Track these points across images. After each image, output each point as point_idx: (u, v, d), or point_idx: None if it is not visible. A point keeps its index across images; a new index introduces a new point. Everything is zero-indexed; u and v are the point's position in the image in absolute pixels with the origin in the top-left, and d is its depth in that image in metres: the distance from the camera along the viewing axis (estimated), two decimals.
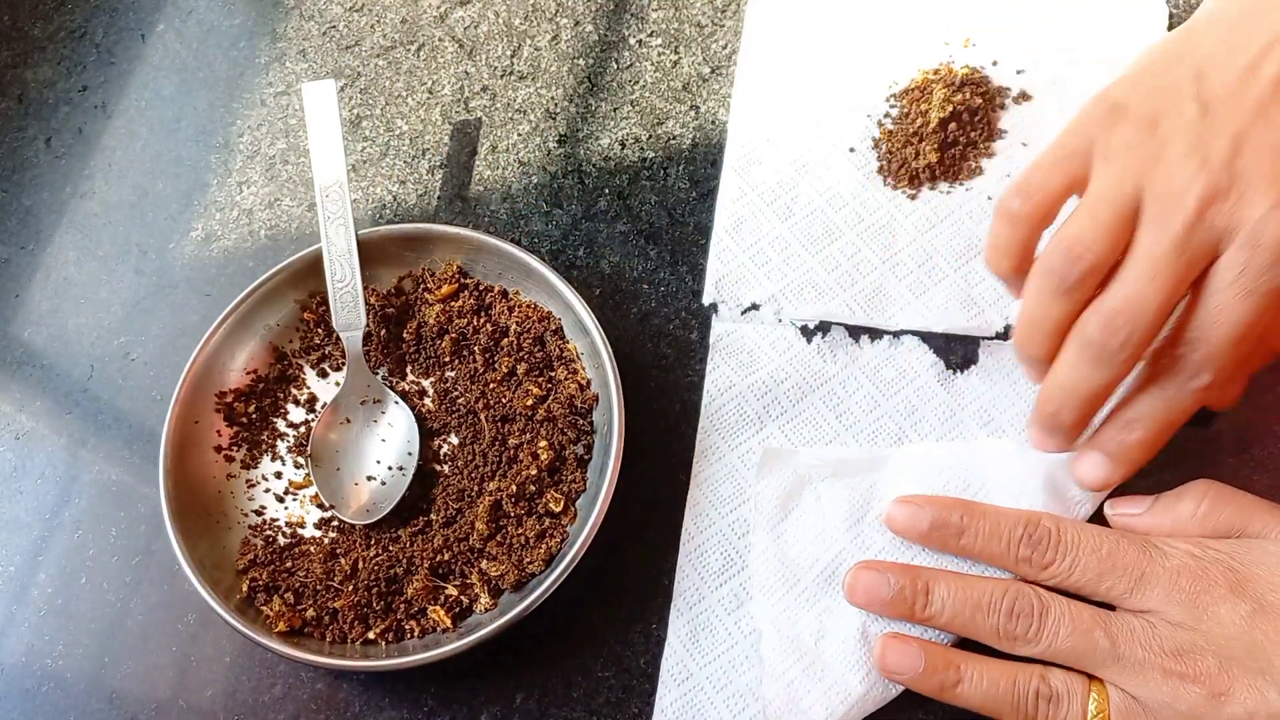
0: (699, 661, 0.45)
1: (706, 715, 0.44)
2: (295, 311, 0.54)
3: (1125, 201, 0.38)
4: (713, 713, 0.44)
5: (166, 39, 0.67)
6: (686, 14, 0.61)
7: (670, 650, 0.46)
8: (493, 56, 0.63)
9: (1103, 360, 0.38)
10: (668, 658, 0.46)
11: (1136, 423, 0.40)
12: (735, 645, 0.45)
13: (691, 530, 0.48)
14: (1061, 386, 0.40)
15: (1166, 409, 0.40)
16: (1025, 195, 0.41)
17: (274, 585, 0.48)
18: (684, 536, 0.48)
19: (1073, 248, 0.38)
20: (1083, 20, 0.56)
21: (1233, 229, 0.37)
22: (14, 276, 0.61)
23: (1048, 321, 0.40)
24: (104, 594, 0.52)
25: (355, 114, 0.62)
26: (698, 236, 0.55)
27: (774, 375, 0.50)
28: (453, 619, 0.47)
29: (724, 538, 0.47)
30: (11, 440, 0.57)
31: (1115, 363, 0.38)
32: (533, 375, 0.51)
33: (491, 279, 0.54)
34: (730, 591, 0.46)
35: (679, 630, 0.46)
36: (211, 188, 0.62)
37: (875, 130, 0.55)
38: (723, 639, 0.46)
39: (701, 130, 0.58)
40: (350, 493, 0.50)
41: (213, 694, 0.49)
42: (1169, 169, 0.37)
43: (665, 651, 0.46)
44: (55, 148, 0.65)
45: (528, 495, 0.48)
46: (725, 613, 0.46)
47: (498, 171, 0.59)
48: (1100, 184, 0.39)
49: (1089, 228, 0.38)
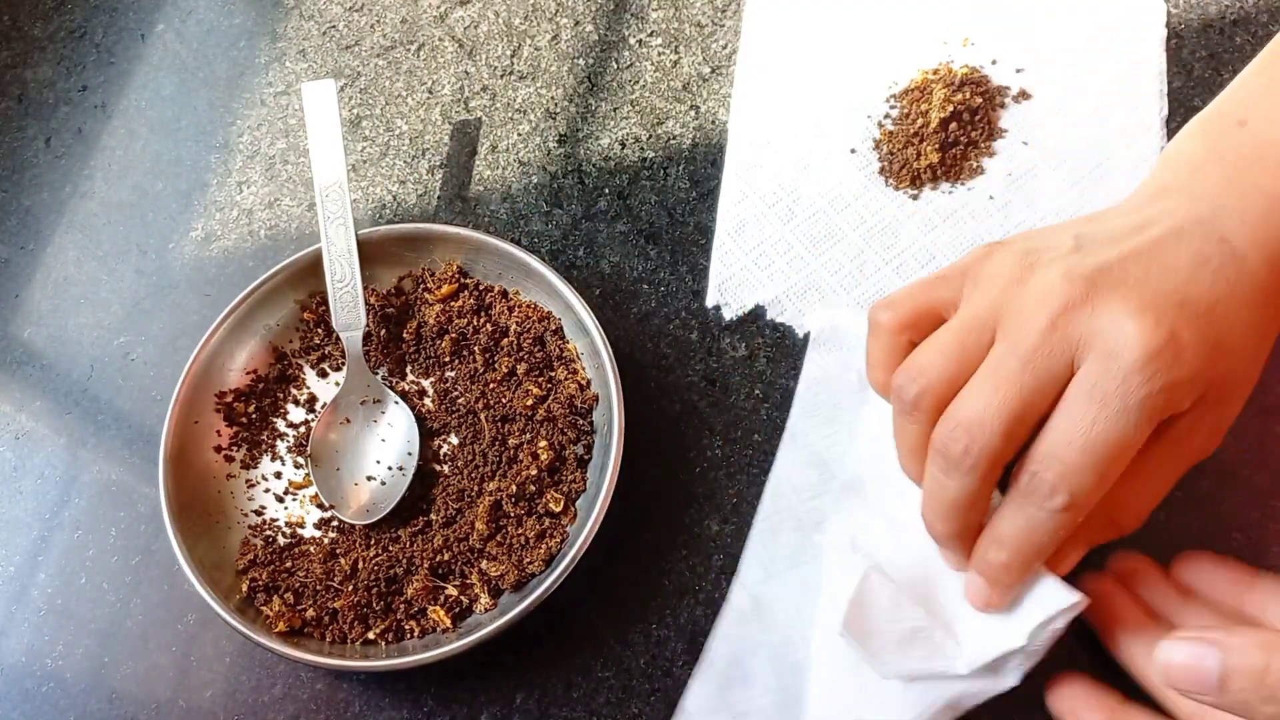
0: (756, 629, 0.45)
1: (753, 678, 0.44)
2: (295, 311, 0.54)
3: (974, 324, 0.37)
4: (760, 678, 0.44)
5: (166, 39, 0.67)
6: (686, 14, 0.61)
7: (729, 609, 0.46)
8: (493, 56, 0.63)
9: (950, 468, 0.37)
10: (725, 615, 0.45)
11: (1000, 543, 0.38)
12: (794, 627, 0.45)
13: (768, 510, 0.47)
14: (927, 494, 0.39)
15: (1029, 530, 0.37)
16: (889, 306, 0.41)
17: (274, 585, 0.48)
18: (760, 514, 0.47)
19: (909, 369, 0.38)
20: (1082, 19, 0.56)
21: (1088, 338, 0.35)
22: (14, 276, 0.61)
23: (904, 441, 0.40)
24: (104, 594, 0.52)
25: (355, 114, 0.62)
26: (698, 236, 0.55)
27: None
28: (453, 619, 0.46)
29: (801, 525, 0.47)
30: (11, 440, 0.57)
31: (963, 471, 0.36)
32: (533, 375, 0.51)
33: (491, 279, 0.54)
34: (797, 579, 0.46)
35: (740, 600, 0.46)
36: (211, 188, 0.62)
37: (876, 131, 0.55)
38: (783, 620, 0.45)
39: (701, 130, 0.58)
40: (350, 493, 0.50)
41: (213, 694, 0.49)
42: (1029, 286, 0.37)
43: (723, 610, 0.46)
44: (55, 148, 0.65)
45: (528, 495, 0.48)
46: (789, 599, 0.46)
47: (498, 171, 0.59)
48: (962, 310, 0.39)
49: (928, 352, 0.38)
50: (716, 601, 0.47)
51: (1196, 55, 0.55)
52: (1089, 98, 0.54)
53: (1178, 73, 0.54)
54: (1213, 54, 0.55)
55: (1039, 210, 0.52)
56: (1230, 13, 0.56)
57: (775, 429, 0.50)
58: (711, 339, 0.52)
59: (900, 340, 0.41)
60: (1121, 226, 0.38)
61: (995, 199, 0.52)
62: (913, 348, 0.40)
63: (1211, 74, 0.54)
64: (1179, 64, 0.55)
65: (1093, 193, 0.52)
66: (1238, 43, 0.55)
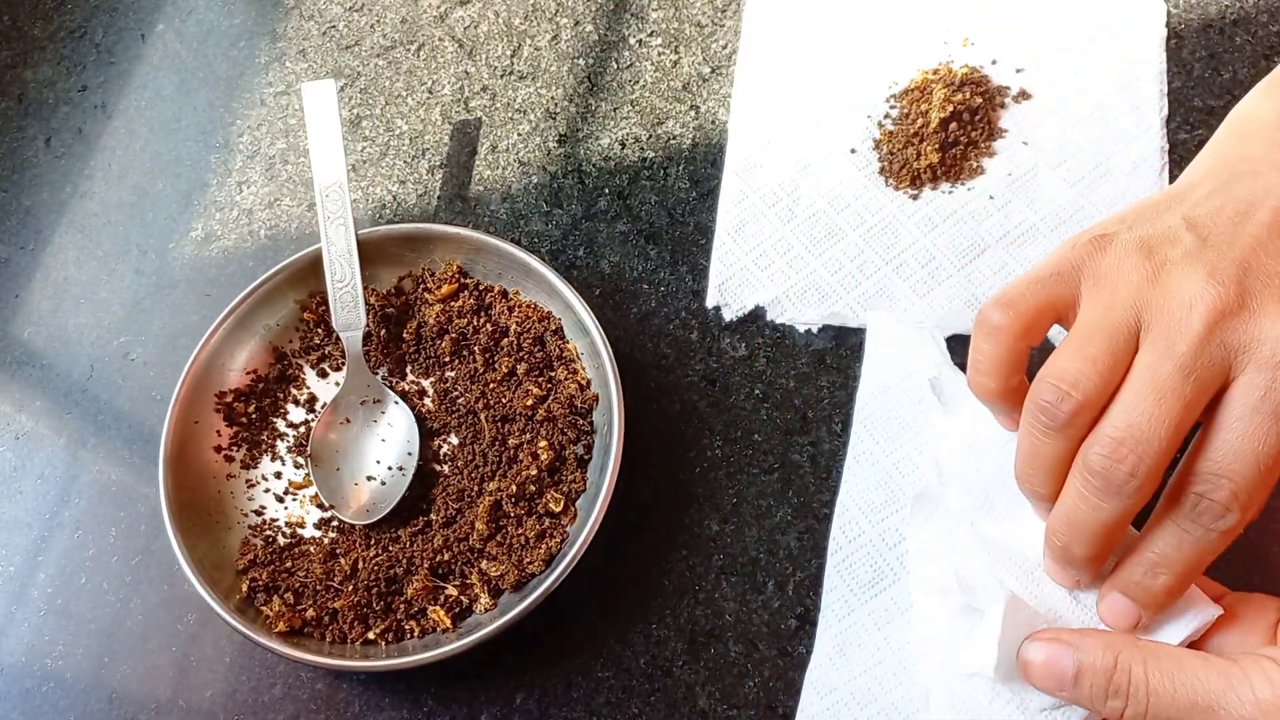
0: (844, 676, 0.44)
1: None
2: (295, 311, 0.54)
3: (1118, 328, 0.35)
4: None
5: (166, 39, 0.67)
6: (686, 14, 0.61)
7: (816, 664, 0.44)
8: (493, 56, 0.63)
9: (1109, 492, 0.34)
10: (813, 669, 0.44)
11: (1161, 568, 0.35)
12: (883, 662, 0.44)
13: (840, 540, 0.46)
14: (1069, 520, 0.36)
15: (1196, 552, 0.35)
16: (1005, 306, 0.37)
17: (274, 585, 0.48)
18: (831, 547, 0.46)
19: (1059, 383, 0.35)
20: (1082, 19, 0.56)
21: (1248, 346, 0.33)
22: (14, 276, 0.61)
23: (1043, 459, 0.36)
24: (104, 594, 0.52)
25: (355, 114, 0.62)
26: (698, 236, 0.55)
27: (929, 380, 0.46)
28: (453, 619, 0.46)
29: (874, 548, 0.45)
30: (11, 440, 0.57)
31: (1125, 494, 0.34)
32: (533, 375, 0.51)
33: (491, 279, 0.54)
34: (881, 606, 0.44)
35: (825, 644, 0.44)
36: (211, 188, 0.62)
37: (876, 131, 0.55)
38: (870, 654, 0.44)
39: (701, 130, 0.58)
40: (350, 493, 0.50)
41: (213, 694, 0.49)
42: (1170, 286, 0.34)
43: (810, 664, 0.44)
44: (55, 148, 0.65)
45: (528, 495, 0.48)
46: (875, 627, 0.44)
47: (498, 171, 0.59)
48: (1090, 311, 0.36)
49: (1077, 360, 0.35)
50: (716, 601, 0.47)
51: (1196, 55, 0.55)
52: (1089, 98, 0.54)
53: (1178, 73, 0.54)
54: (1213, 54, 0.55)
55: (1039, 210, 0.52)
56: (1230, 13, 0.56)
57: (775, 429, 0.50)
58: (711, 339, 0.52)
59: (1021, 345, 0.37)
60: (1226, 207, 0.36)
61: (995, 199, 0.52)
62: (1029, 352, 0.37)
63: (1211, 74, 0.54)
64: (1179, 64, 0.55)
65: (1093, 193, 0.52)
66: (1238, 43, 0.55)
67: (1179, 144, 0.53)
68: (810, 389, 0.50)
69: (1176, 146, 0.53)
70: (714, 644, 0.46)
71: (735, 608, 0.47)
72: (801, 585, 0.47)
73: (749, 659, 0.46)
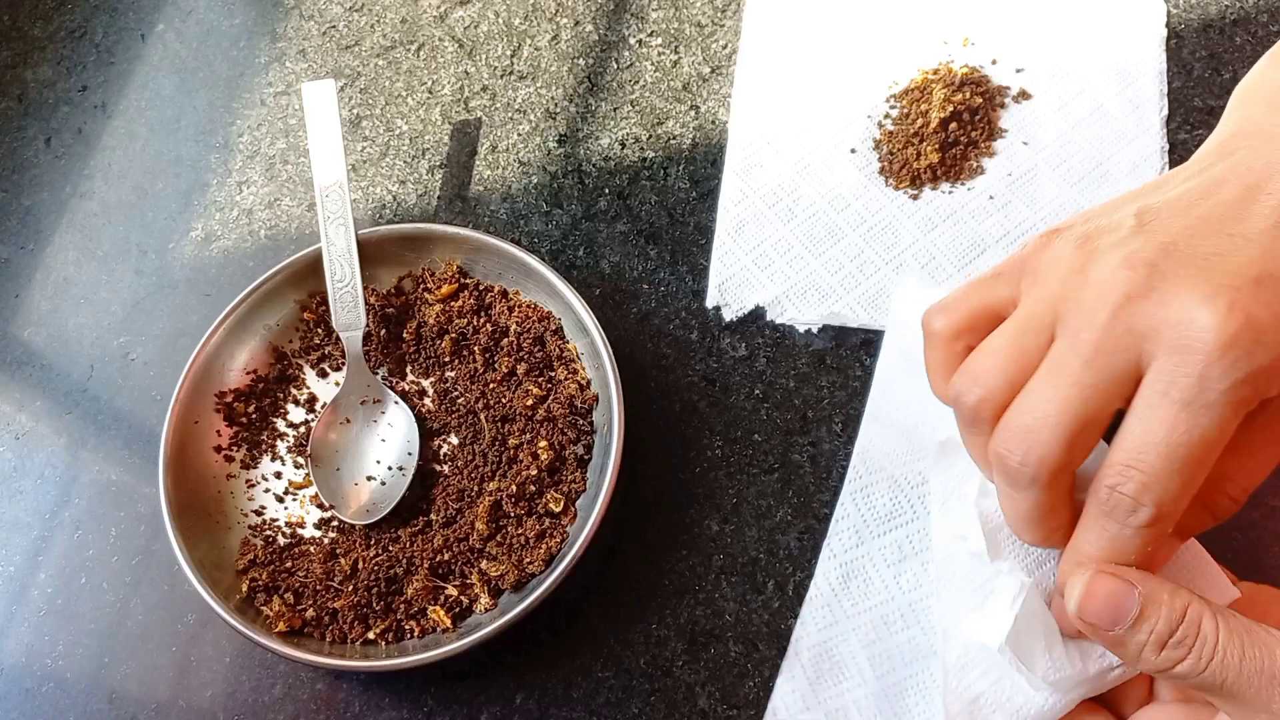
0: (847, 609, 0.41)
1: (846, 669, 0.40)
2: (295, 311, 0.54)
3: (1030, 320, 0.34)
4: (854, 668, 0.40)
5: (166, 39, 0.67)
6: (686, 14, 0.61)
7: (815, 594, 0.41)
8: (493, 56, 0.63)
9: (1011, 481, 0.34)
10: (811, 600, 0.41)
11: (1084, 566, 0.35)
12: (891, 599, 0.41)
13: (860, 469, 0.44)
14: (1002, 506, 0.36)
15: (1113, 549, 0.33)
16: (940, 311, 0.38)
17: (274, 585, 0.48)
18: (850, 475, 0.44)
19: (964, 376, 0.35)
20: (1082, 19, 0.56)
21: (1156, 331, 0.31)
22: (14, 276, 0.61)
23: (975, 452, 0.37)
24: (104, 594, 0.52)
25: (355, 114, 0.62)
26: (698, 236, 0.55)
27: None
28: (453, 619, 0.46)
29: (896, 485, 0.43)
30: (11, 440, 0.57)
31: (1023, 483, 0.34)
32: (533, 375, 0.51)
33: (491, 279, 0.54)
34: (894, 541, 0.42)
35: (830, 574, 0.42)
36: (211, 188, 0.62)
37: (876, 131, 0.55)
38: (878, 590, 0.41)
39: (701, 130, 0.58)
40: (350, 493, 0.50)
41: (213, 694, 0.49)
42: (1089, 275, 0.33)
43: (808, 594, 0.41)
44: (55, 148, 0.65)
45: (528, 495, 0.48)
46: (885, 564, 0.42)
47: (498, 171, 0.59)
48: (1020, 307, 0.36)
49: (983, 355, 0.35)
50: (716, 601, 0.47)
51: (1196, 55, 0.55)
52: (1089, 98, 0.54)
53: (1178, 73, 0.54)
54: (1213, 54, 0.55)
55: (1039, 210, 0.52)
56: (1230, 13, 0.56)
57: (775, 429, 0.50)
58: (711, 339, 0.52)
59: (957, 347, 0.38)
60: (1190, 191, 0.34)
61: (995, 199, 0.52)
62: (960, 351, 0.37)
63: (1211, 74, 0.54)
64: (1179, 64, 0.55)
65: (1093, 193, 0.52)
66: (1238, 43, 0.55)
67: (1179, 144, 0.53)
68: (810, 389, 0.51)
69: (1176, 146, 0.53)
70: (714, 644, 0.46)
71: (735, 608, 0.47)
72: (802, 585, 0.47)
73: (749, 659, 0.46)
